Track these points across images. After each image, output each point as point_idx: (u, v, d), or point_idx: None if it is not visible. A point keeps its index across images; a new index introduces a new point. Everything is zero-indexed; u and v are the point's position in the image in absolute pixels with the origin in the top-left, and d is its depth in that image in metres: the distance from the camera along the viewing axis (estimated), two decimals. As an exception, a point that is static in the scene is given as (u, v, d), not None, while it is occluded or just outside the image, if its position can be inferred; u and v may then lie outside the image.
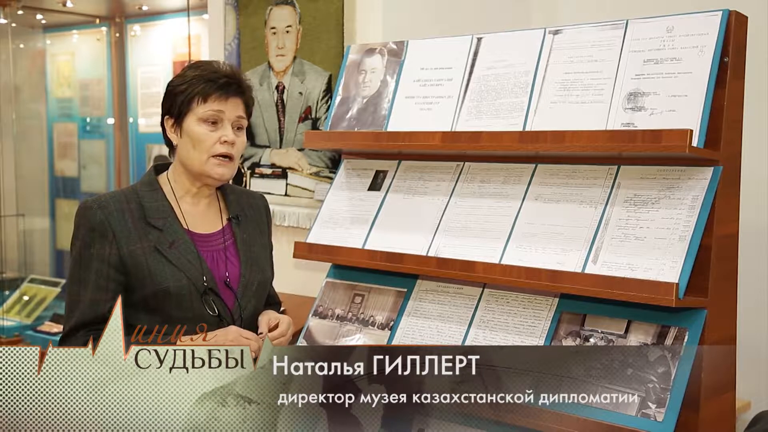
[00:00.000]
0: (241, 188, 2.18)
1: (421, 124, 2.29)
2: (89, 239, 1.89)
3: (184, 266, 1.90)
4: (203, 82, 1.91)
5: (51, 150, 5.42)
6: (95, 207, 1.90)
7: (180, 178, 1.98)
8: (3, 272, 4.75)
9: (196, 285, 1.90)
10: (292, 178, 2.95)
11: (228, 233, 2.02)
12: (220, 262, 1.97)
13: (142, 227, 1.91)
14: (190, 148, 1.93)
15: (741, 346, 2.03)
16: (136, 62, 5.05)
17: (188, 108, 1.92)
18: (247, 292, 1.98)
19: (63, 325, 1.93)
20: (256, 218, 2.11)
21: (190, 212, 1.98)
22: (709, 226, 1.84)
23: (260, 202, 2.16)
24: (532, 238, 2.04)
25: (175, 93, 1.94)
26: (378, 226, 2.33)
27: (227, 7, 3.13)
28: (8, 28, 5.00)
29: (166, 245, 1.90)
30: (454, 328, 2.16)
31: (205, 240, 1.97)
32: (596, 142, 1.89)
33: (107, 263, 1.87)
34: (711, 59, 1.86)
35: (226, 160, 1.93)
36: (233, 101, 1.93)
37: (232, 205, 2.06)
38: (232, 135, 1.93)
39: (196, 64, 1.99)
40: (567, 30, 2.12)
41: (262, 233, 2.11)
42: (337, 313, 2.38)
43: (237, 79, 1.95)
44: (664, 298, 1.75)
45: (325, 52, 2.82)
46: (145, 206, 1.93)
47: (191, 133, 1.92)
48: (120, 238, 1.88)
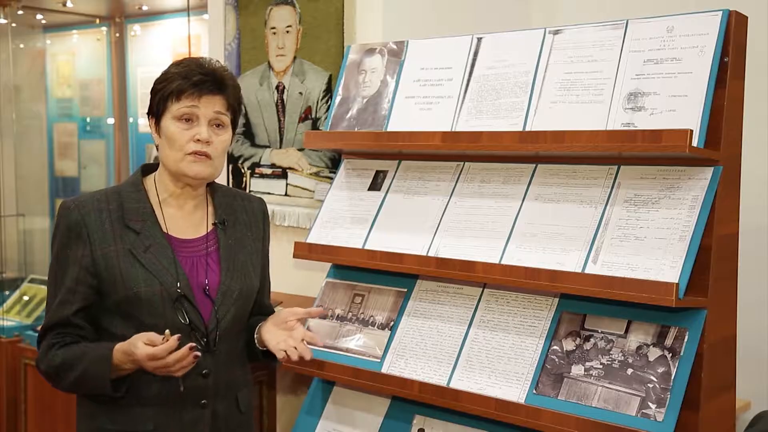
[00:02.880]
0: (237, 191, 2.12)
1: (421, 124, 2.29)
2: (66, 239, 1.85)
3: (158, 271, 1.84)
4: (179, 79, 1.85)
5: (51, 150, 5.42)
6: (72, 206, 1.86)
7: (164, 179, 1.93)
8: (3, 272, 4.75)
9: (169, 291, 1.83)
10: (292, 178, 2.94)
11: (212, 239, 1.95)
12: (200, 269, 1.90)
13: (119, 229, 1.85)
14: (166, 147, 1.88)
15: (741, 346, 2.03)
16: (136, 62, 5.04)
17: (165, 106, 1.87)
18: (226, 300, 1.91)
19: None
20: (250, 223, 2.04)
21: (174, 216, 1.93)
22: (709, 226, 1.84)
23: (257, 206, 2.09)
24: (532, 238, 2.04)
25: (155, 91, 1.90)
26: (378, 226, 2.33)
27: (227, 7, 3.13)
28: (8, 28, 5.00)
29: (142, 249, 1.85)
30: (454, 328, 2.16)
31: (186, 245, 1.91)
32: (596, 142, 1.89)
33: (79, 265, 1.83)
34: (711, 59, 1.86)
35: (201, 157, 1.86)
36: (208, 98, 1.86)
37: (219, 209, 1.99)
38: (206, 133, 1.85)
39: (181, 60, 1.93)
40: (567, 30, 2.12)
41: (255, 239, 2.04)
42: (337, 313, 2.38)
43: (214, 75, 1.87)
44: (664, 298, 1.75)
45: (325, 52, 2.82)
46: (125, 207, 1.88)
47: (166, 131, 1.87)
48: (94, 239, 1.83)
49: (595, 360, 1.91)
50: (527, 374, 1.99)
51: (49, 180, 5.41)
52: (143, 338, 1.76)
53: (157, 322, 1.82)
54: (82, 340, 1.86)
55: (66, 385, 1.87)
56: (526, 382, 1.98)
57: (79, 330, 1.87)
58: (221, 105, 1.89)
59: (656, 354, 1.84)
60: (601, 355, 1.91)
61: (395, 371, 2.18)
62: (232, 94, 1.92)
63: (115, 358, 1.79)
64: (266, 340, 1.97)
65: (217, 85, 1.88)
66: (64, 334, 1.86)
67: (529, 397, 1.96)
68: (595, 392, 1.88)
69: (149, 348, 1.73)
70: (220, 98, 1.88)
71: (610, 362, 1.89)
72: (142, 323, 1.82)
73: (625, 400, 1.84)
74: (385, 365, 2.21)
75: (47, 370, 1.87)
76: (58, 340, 1.85)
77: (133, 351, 1.75)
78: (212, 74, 1.87)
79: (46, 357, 1.86)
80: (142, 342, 1.75)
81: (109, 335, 1.86)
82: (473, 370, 2.07)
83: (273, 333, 1.97)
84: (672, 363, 1.81)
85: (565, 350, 1.96)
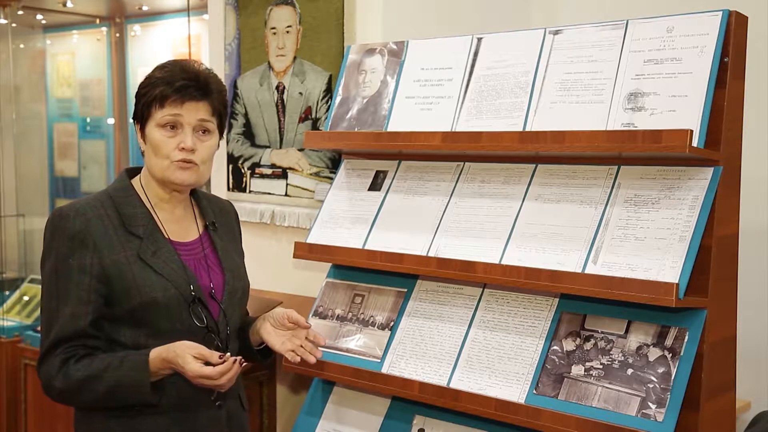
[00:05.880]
0: (209, 194, 2.10)
1: (421, 124, 2.29)
2: (67, 249, 1.76)
3: (170, 275, 1.81)
4: (162, 85, 1.81)
5: (51, 150, 5.41)
6: (72, 215, 1.78)
7: (151, 185, 1.88)
8: (3, 272, 4.74)
9: (184, 295, 1.81)
10: (293, 178, 2.94)
11: (206, 241, 1.95)
12: (203, 271, 1.89)
13: (122, 235, 1.80)
14: (152, 154, 1.84)
15: (741, 346, 2.03)
16: (136, 62, 5.04)
17: (148, 113, 1.83)
18: (232, 301, 1.91)
19: (40, 346, 1.80)
20: (228, 225, 2.04)
21: (168, 219, 1.89)
22: (709, 226, 1.84)
23: (230, 208, 2.09)
24: (532, 238, 2.04)
25: (138, 96, 1.85)
26: (378, 226, 2.33)
27: (227, 7, 3.13)
28: (8, 28, 5.00)
29: (149, 254, 1.80)
30: (454, 329, 2.16)
31: (184, 248, 1.89)
32: (596, 142, 1.89)
33: (89, 274, 1.76)
34: (711, 59, 1.86)
35: (187, 164, 1.82)
36: (191, 105, 1.81)
37: (206, 212, 1.98)
38: (191, 141, 1.81)
39: (165, 63, 1.88)
40: (567, 30, 2.12)
41: (235, 240, 2.05)
42: (337, 314, 2.38)
43: (198, 81, 1.83)
44: (664, 298, 1.75)
45: (325, 52, 2.82)
46: (122, 213, 1.82)
47: (151, 139, 1.83)
48: (101, 247, 1.77)
49: (595, 360, 1.91)
50: (527, 374, 1.99)
51: (49, 180, 5.40)
52: (192, 351, 1.72)
53: (173, 327, 1.80)
54: (94, 351, 1.78)
55: (91, 399, 1.76)
56: (526, 383, 1.98)
57: (93, 341, 1.78)
58: (205, 111, 1.84)
59: (656, 354, 1.84)
60: (601, 356, 1.91)
61: (395, 371, 2.18)
62: (217, 98, 1.87)
63: (152, 365, 1.74)
64: (269, 341, 1.97)
65: (201, 90, 1.83)
66: (76, 347, 1.76)
67: (529, 397, 1.96)
68: (595, 392, 1.88)
69: (204, 368, 1.70)
70: (204, 104, 1.84)
71: (610, 362, 1.89)
72: (157, 329, 1.79)
73: (625, 400, 1.84)
74: (385, 365, 2.21)
75: (65, 387, 1.75)
76: (71, 354, 1.76)
77: (179, 363, 1.71)
78: (196, 79, 1.83)
79: (60, 373, 1.75)
80: (192, 356, 1.71)
81: (118, 344, 1.80)
82: (473, 370, 2.07)
83: (275, 334, 1.98)
84: (672, 363, 1.81)
85: (565, 350, 1.96)
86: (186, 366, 1.71)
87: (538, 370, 1.98)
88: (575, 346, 1.95)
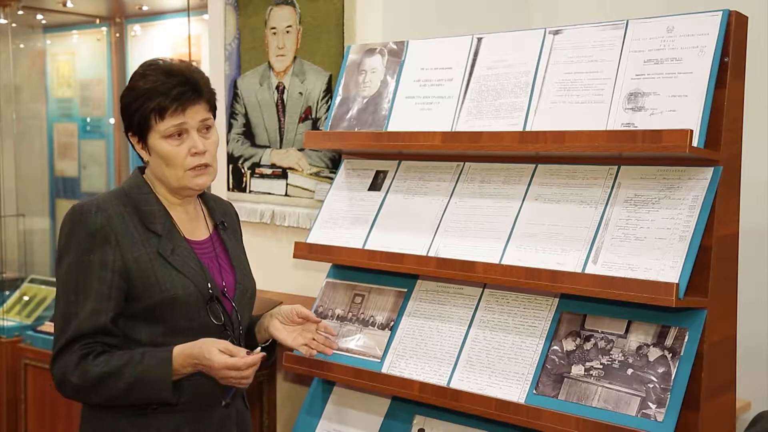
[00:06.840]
0: (213, 195, 2.11)
1: (421, 124, 2.29)
2: (87, 245, 1.76)
3: (189, 273, 1.82)
4: (157, 96, 1.78)
5: (51, 150, 5.41)
6: (93, 210, 1.77)
7: (160, 188, 1.89)
8: (3, 272, 4.74)
9: (203, 293, 1.82)
10: (293, 178, 2.94)
11: (216, 240, 1.96)
12: (215, 270, 1.90)
13: (142, 232, 1.81)
14: (163, 166, 1.83)
15: (741, 346, 2.03)
16: (136, 62, 5.02)
17: (147, 126, 1.80)
18: (243, 300, 1.94)
19: (54, 342, 1.78)
20: (232, 225, 2.06)
21: (182, 219, 1.90)
22: (709, 226, 1.84)
23: (231, 209, 2.11)
24: (532, 238, 2.04)
25: (130, 111, 1.82)
26: (378, 226, 2.33)
27: (227, 7, 3.13)
28: (8, 28, 5.00)
29: (168, 251, 1.81)
30: (454, 329, 2.16)
31: (198, 247, 1.91)
32: (596, 142, 1.89)
33: (111, 270, 1.75)
34: (711, 59, 1.86)
35: (203, 169, 1.84)
36: (192, 109, 1.81)
37: (214, 212, 2.00)
38: (201, 144, 1.82)
39: (144, 71, 1.84)
40: (567, 30, 2.12)
41: (239, 240, 2.07)
42: (338, 314, 2.38)
43: (189, 82, 1.81)
44: (664, 298, 1.75)
45: (325, 52, 2.82)
46: (140, 210, 1.83)
47: (159, 151, 1.82)
48: (123, 243, 1.77)
49: (595, 360, 1.91)
50: (527, 374, 1.99)
51: (49, 180, 5.40)
52: (219, 345, 1.73)
53: (189, 325, 1.80)
54: (111, 348, 1.76)
55: (107, 396, 1.74)
56: (526, 383, 1.98)
57: (112, 338, 1.77)
58: (204, 110, 1.85)
59: (656, 354, 1.84)
60: (601, 355, 1.91)
61: (395, 371, 2.18)
62: (208, 92, 1.87)
63: (175, 362, 1.74)
64: (279, 337, 1.99)
65: (196, 91, 1.83)
66: (93, 343, 1.75)
67: (529, 397, 1.96)
68: (596, 392, 1.88)
69: (231, 359, 1.71)
70: (201, 103, 1.84)
71: (610, 362, 1.89)
72: (174, 326, 1.79)
73: (625, 400, 1.84)
74: (385, 365, 2.21)
75: (82, 383, 1.73)
76: (88, 350, 1.74)
77: (205, 356, 1.71)
78: (188, 82, 1.82)
79: (78, 369, 1.73)
80: (218, 349, 1.72)
81: (133, 342, 1.79)
82: (473, 370, 2.07)
83: (286, 330, 1.99)
84: (672, 363, 1.81)
85: (565, 350, 1.96)
86: (213, 358, 1.71)
87: (538, 370, 1.98)
88: (575, 346, 1.95)
